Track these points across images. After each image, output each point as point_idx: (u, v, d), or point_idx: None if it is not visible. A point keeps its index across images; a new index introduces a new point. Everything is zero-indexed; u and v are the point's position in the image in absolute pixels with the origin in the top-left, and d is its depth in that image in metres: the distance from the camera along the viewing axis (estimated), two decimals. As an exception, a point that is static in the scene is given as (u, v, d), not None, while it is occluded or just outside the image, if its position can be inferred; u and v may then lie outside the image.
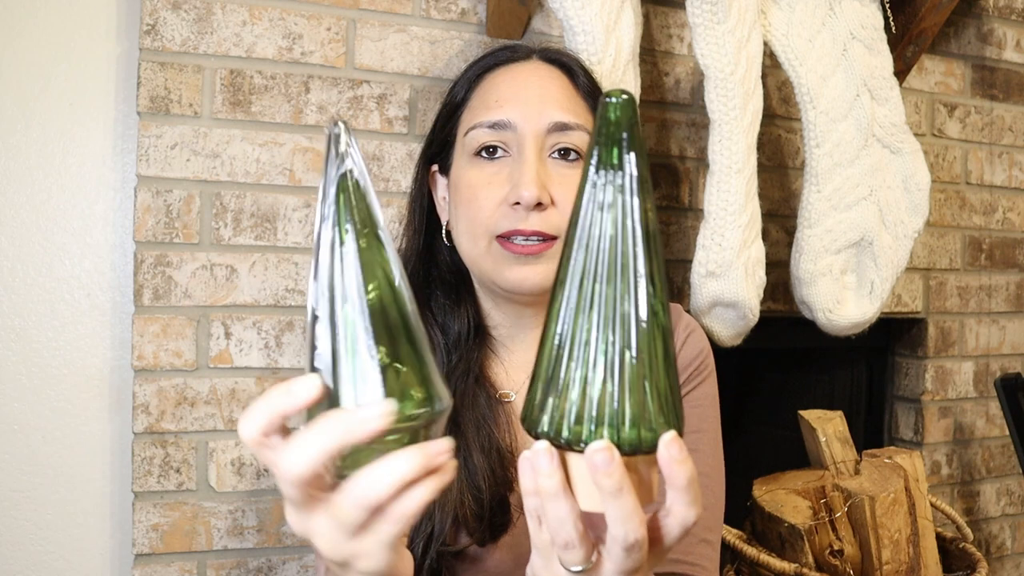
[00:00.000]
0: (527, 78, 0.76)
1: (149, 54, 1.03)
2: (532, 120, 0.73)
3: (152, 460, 1.04)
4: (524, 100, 0.74)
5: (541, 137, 0.73)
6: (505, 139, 0.74)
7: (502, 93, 0.76)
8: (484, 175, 0.74)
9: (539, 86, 0.75)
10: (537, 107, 0.74)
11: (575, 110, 0.75)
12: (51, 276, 1.09)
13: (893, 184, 1.16)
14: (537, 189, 0.70)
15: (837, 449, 1.18)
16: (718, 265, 1.05)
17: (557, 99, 0.75)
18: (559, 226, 0.72)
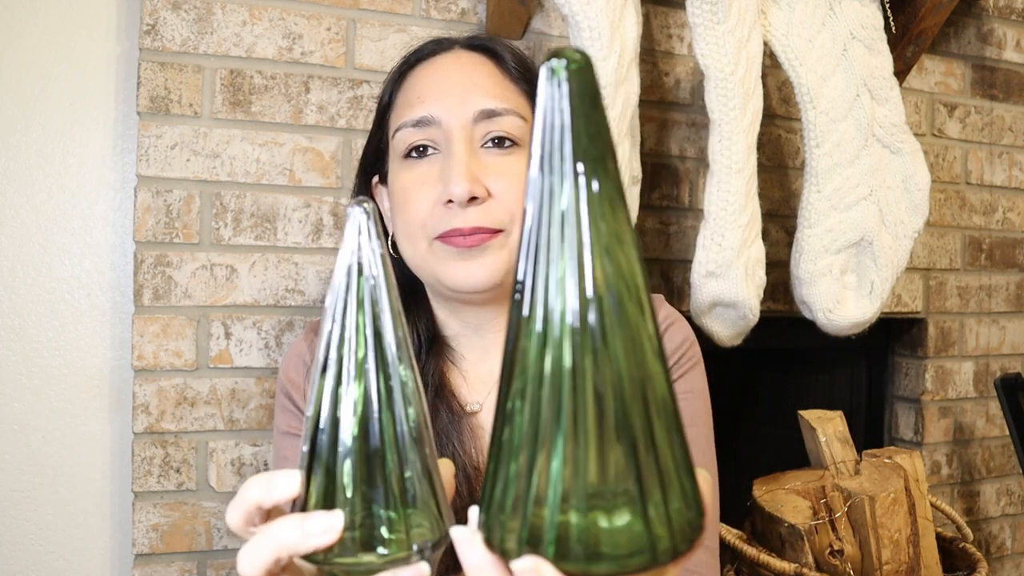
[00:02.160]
0: (448, 68, 0.72)
1: (149, 54, 1.03)
2: (456, 111, 0.69)
3: (152, 460, 1.04)
4: (446, 92, 0.70)
5: (468, 128, 0.69)
6: (432, 136, 0.70)
7: (423, 88, 0.72)
8: (416, 176, 0.71)
9: (461, 75, 0.71)
10: (460, 97, 0.69)
11: (503, 95, 0.71)
12: (51, 276, 1.09)
13: (893, 184, 1.16)
14: (468, 183, 0.66)
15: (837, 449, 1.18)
16: (718, 265, 1.05)
17: (481, 86, 0.70)
18: (500, 218, 0.68)
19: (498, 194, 0.68)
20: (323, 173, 1.10)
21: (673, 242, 1.29)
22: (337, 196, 1.11)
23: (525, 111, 0.72)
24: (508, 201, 0.69)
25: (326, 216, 1.11)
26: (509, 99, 0.71)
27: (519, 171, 0.69)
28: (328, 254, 1.11)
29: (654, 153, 1.27)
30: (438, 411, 0.73)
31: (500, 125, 0.70)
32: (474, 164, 0.68)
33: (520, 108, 0.71)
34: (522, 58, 0.75)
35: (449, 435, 0.72)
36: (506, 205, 0.68)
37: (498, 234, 0.69)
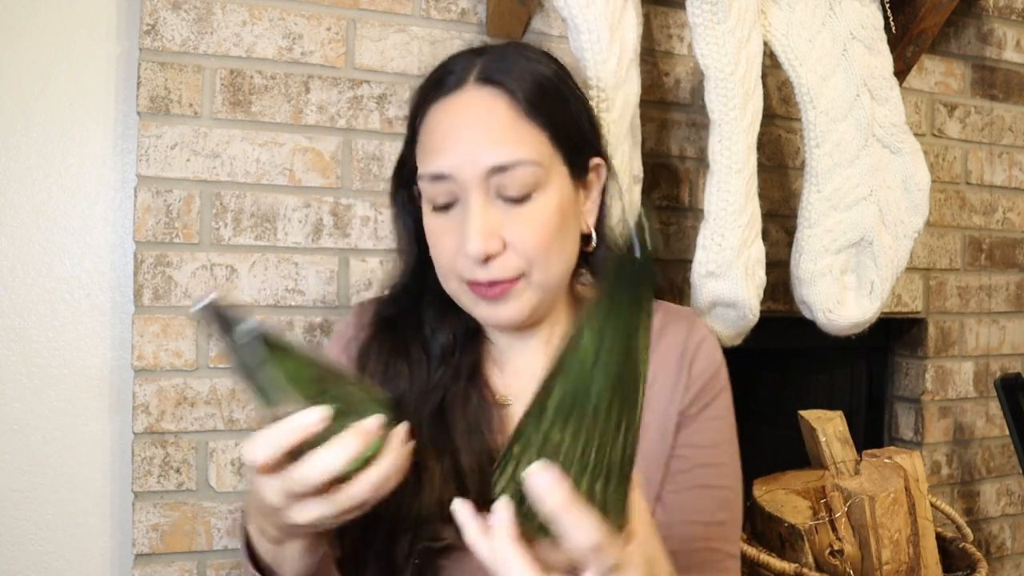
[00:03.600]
0: (459, 116, 0.71)
1: (149, 54, 1.03)
2: (468, 168, 0.69)
3: (152, 460, 1.04)
4: (457, 145, 0.70)
5: (482, 183, 0.69)
6: (449, 189, 0.71)
7: (439, 137, 0.72)
8: (440, 224, 0.73)
9: (472, 125, 0.70)
10: (471, 151, 0.69)
11: (515, 141, 0.69)
12: (51, 276, 1.09)
13: (893, 184, 1.16)
14: (481, 243, 0.68)
15: (837, 449, 1.18)
16: (718, 265, 1.05)
17: (493, 137, 0.69)
18: (518, 266, 0.71)
19: (514, 243, 0.70)
20: (323, 173, 1.10)
21: (673, 242, 1.29)
22: (337, 196, 1.11)
23: (539, 153, 0.70)
24: (525, 248, 0.70)
25: (326, 216, 1.11)
26: (521, 145, 0.69)
27: (537, 216, 0.70)
28: (328, 254, 1.11)
29: (654, 153, 1.27)
30: (469, 397, 0.77)
31: (512, 179, 0.69)
32: (489, 219, 0.69)
33: (534, 152, 0.70)
34: (539, 85, 0.72)
35: (478, 420, 0.75)
36: (523, 252, 0.70)
37: (516, 282, 0.71)
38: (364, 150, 1.12)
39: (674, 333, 0.79)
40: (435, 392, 0.77)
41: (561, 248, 0.73)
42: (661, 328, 0.79)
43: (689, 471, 0.76)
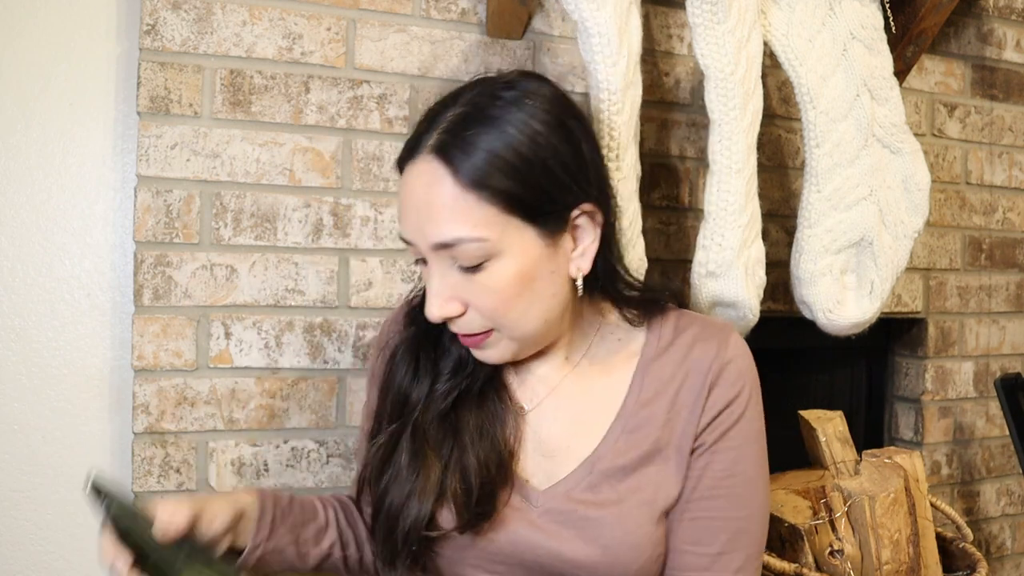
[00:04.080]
0: (410, 188, 0.71)
1: (149, 54, 1.03)
2: (420, 239, 0.71)
3: (152, 460, 1.04)
4: (408, 217, 0.72)
5: (434, 254, 0.71)
6: (415, 252, 0.73)
7: (400, 204, 0.74)
8: (424, 274, 0.76)
9: (417, 200, 0.70)
10: (419, 225, 0.70)
11: (457, 219, 0.68)
12: (51, 276, 1.09)
13: (893, 184, 1.16)
14: (437, 311, 0.72)
15: (837, 449, 1.18)
16: (718, 265, 1.05)
17: (432, 216, 0.69)
18: (482, 323, 0.73)
19: (474, 306, 0.72)
20: (323, 173, 1.10)
21: (673, 242, 1.29)
22: (337, 196, 1.11)
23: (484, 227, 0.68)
24: (484, 312, 0.72)
25: (326, 216, 1.11)
26: (464, 223, 0.68)
27: (490, 283, 0.71)
28: (328, 254, 1.11)
29: (654, 153, 1.27)
30: (486, 402, 0.79)
31: (456, 254, 0.69)
32: (446, 285, 0.72)
33: (476, 227, 0.68)
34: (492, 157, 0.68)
35: (493, 423, 0.78)
36: (485, 312, 0.72)
37: (489, 334, 0.74)
38: (364, 150, 1.12)
39: (702, 351, 0.77)
40: (448, 395, 0.79)
41: (527, 307, 0.72)
42: (691, 343, 0.78)
43: (696, 500, 0.75)
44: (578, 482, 0.75)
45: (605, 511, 0.73)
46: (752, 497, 0.76)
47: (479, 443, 0.76)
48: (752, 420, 0.77)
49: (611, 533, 0.72)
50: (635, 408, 0.77)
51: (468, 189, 0.68)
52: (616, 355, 0.80)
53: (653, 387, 0.77)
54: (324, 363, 1.11)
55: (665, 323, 0.80)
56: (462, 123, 0.70)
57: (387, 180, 1.13)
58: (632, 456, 0.75)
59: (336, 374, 1.11)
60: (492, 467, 0.75)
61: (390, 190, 1.13)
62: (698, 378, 0.76)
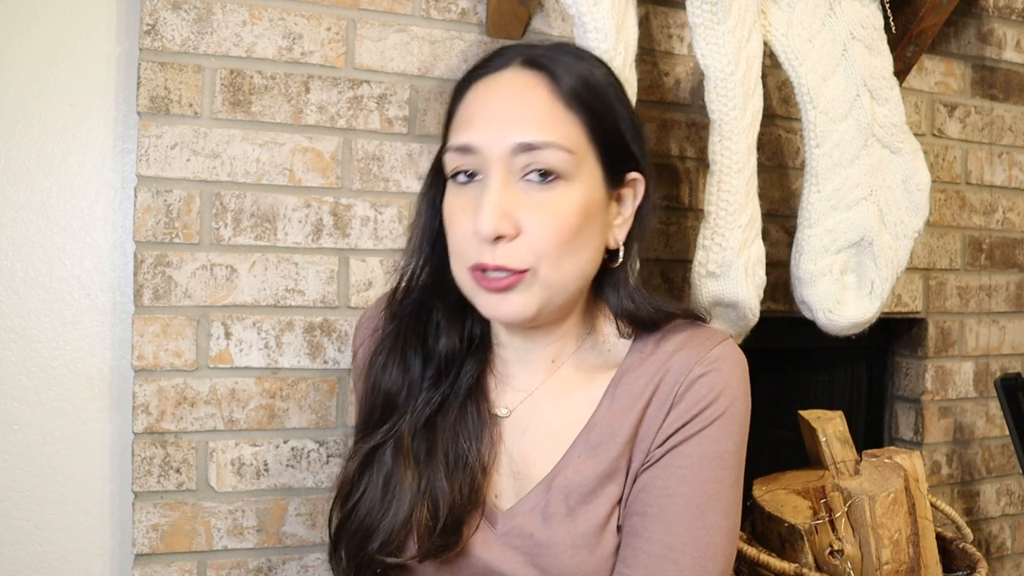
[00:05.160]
0: (497, 92, 0.70)
1: (149, 54, 1.03)
2: (495, 142, 0.67)
3: (152, 460, 1.04)
4: (489, 120, 0.68)
5: (506, 160, 0.67)
6: (473, 163, 0.69)
7: (471, 111, 0.70)
8: (459, 201, 0.70)
9: (508, 102, 0.69)
10: (501, 127, 0.67)
11: (548, 125, 0.68)
12: (51, 276, 1.09)
13: (893, 184, 1.16)
14: (494, 222, 0.66)
15: (837, 449, 1.18)
16: (718, 265, 1.05)
17: (526, 115, 0.68)
18: (526, 258, 0.67)
19: (528, 230, 0.67)
20: (323, 173, 1.10)
21: (673, 242, 1.29)
22: (337, 196, 1.11)
23: (572, 141, 0.68)
24: (537, 239, 0.68)
25: (326, 216, 1.11)
26: (555, 129, 0.68)
27: (556, 206, 0.68)
28: (328, 254, 1.11)
29: (654, 153, 1.27)
30: (466, 411, 0.75)
31: (539, 159, 0.67)
32: (508, 198, 0.67)
33: (566, 139, 0.68)
34: (584, 79, 0.71)
35: (470, 436, 0.74)
36: (534, 244, 0.68)
37: (523, 275, 0.68)
38: (364, 150, 1.12)
39: (680, 360, 0.71)
40: (431, 401, 0.75)
41: (576, 249, 0.69)
42: (672, 352, 0.72)
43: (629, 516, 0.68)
44: (536, 503, 0.70)
45: (558, 536, 0.68)
46: (693, 526, 0.66)
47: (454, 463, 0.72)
48: (715, 440, 0.69)
49: (560, 561, 0.67)
50: (602, 423, 0.72)
51: (565, 99, 0.69)
52: (599, 365, 0.76)
53: (623, 400, 0.72)
54: (324, 363, 1.11)
55: (654, 333, 0.75)
56: (553, 50, 0.72)
57: (387, 180, 1.13)
58: (591, 475, 0.69)
59: (336, 374, 1.11)
60: (464, 492, 0.71)
61: (390, 190, 1.13)
62: (667, 388, 0.70)
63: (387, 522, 0.71)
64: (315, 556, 1.10)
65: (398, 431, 0.75)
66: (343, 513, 0.75)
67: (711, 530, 0.67)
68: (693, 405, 0.69)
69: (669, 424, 0.69)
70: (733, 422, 0.70)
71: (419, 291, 0.79)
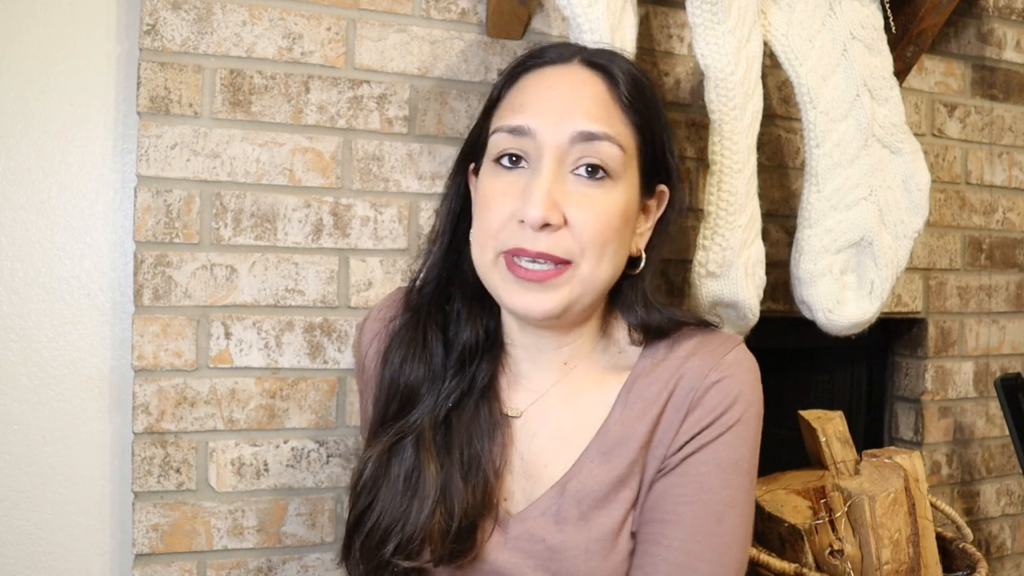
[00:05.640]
0: (558, 82, 0.70)
1: (149, 54, 1.03)
2: (553, 128, 0.67)
3: (152, 460, 1.04)
4: (548, 106, 0.68)
5: (563, 148, 0.67)
6: (525, 147, 0.68)
7: (528, 96, 0.70)
8: (501, 184, 0.69)
9: (569, 91, 0.69)
10: (561, 114, 0.67)
11: (606, 120, 0.68)
12: (51, 276, 1.09)
13: (893, 184, 1.16)
14: (544, 210, 0.65)
15: (837, 449, 1.18)
16: (718, 265, 1.05)
17: (586, 108, 0.68)
18: (570, 248, 0.67)
19: (575, 224, 0.67)
20: (323, 173, 1.10)
21: (673, 242, 1.29)
22: (337, 196, 1.11)
23: (625, 141, 0.69)
24: (583, 233, 0.67)
25: (326, 216, 1.11)
26: (612, 125, 0.69)
27: (604, 203, 0.68)
28: (328, 254, 1.11)
29: (654, 153, 1.27)
30: (479, 411, 0.74)
31: (595, 151, 0.67)
32: (557, 189, 0.67)
33: (621, 136, 0.69)
34: (639, 86, 0.72)
35: (483, 436, 0.73)
36: (580, 237, 0.67)
37: (564, 268, 0.68)
38: (364, 150, 1.12)
39: (694, 365, 0.71)
40: (447, 400, 0.75)
41: (614, 249, 0.69)
42: (685, 357, 0.71)
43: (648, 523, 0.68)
44: (548, 507, 0.70)
45: (571, 541, 0.67)
46: (711, 532, 0.67)
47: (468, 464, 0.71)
48: (731, 446, 0.68)
49: (573, 566, 0.67)
50: (615, 428, 0.71)
51: (622, 104, 0.70)
52: (609, 370, 0.76)
53: (637, 405, 0.71)
54: (324, 363, 1.11)
55: (665, 339, 0.75)
56: (610, 54, 0.75)
57: (387, 180, 1.13)
58: (605, 480, 0.69)
59: (336, 374, 1.11)
60: (478, 495, 0.70)
61: (390, 190, 1.13)
62: (682, 395, 0.69)
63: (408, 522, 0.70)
64: (315, 556, 1.10)
65: (420, 424, 0.73)
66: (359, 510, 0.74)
67: (727, 536, 0.67)
68: (709, 411, 0.69)
69: (685, 430, 0.69)
70: (748, 428, 0.70)
71: (439, 280, 0.78)
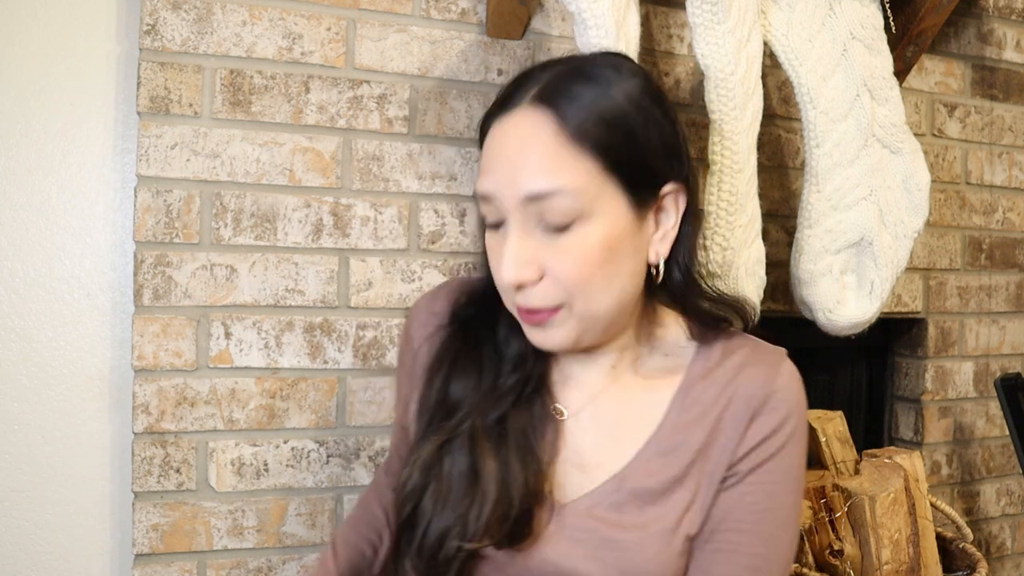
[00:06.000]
0: (508, 137, 0.69)
1: (149, 54, 1.03)
2: (507, 192, 0.67)
3: (152, 460, 1.04)
4: (500, 168, 0.68)
5: (521, 208, 0.67)
6: (495, 210, 0.69)
7: (487, 158, 0.70)
8: (492, 243, 0.72)
9: (515, 147, 0.68)
10: (510, 176, 0.67)
11: (555, 169, 0.66)
12: (51, 276, 1.09)
13: (893, 184, 1.16)
14: (513, 273, 0.67)
15: (837, 449, 1.18)
16: (718, 265, 1.05)
17: (531, 164, 0.66)
18: (556, 296, 0.69)
19: (552, 273, 0.68)
20: (323, 173, 1.10)
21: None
22: (337, 196, 1.11)
23: (583, 181, 0.67)
24: (563, 280, 0.68)
25: (326, 216, 1.11)
26: (562, 173, 0.66)
27: (577, 247, 0.67)
28: (328, 254, 1.11)
29: (654, 153, 1.27)
30: (532, 404, 0.76)
31: (548, 208, 0.66)
32: (528, 245, 0.68)
33: (576, 181, 0.66)
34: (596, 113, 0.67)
35: (535, 430, 0.75)
36: (561, 284, 0.68)
37: (557, 311, 0.70)
38: (364, 150, 1.12)
39: (750, 376, 0.73)
40: (505, 398, 0.76)
41: (607, 281, 0.69)
42: (740, 366, 0.74)
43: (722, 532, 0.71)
44: (603, 499, 0.72)
45: (628, 534, 0.70)
46: (779, 537, 0.72)
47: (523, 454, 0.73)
48: (792, 456, 0.73)
49: (630, 558, 0.69)
50: (672, 429, 0.73)
51: (572, 139, 0.67)
52: (662, 370, 0.77)
53: (694, 409, 0.73)
54: (324, 363, 1.11)
55: (716, 342, 0.76)
56: (566, 78, 0.69)
57: (387, 180, 1.13)
58: (662, 479, 0.71)
59: (336, 374, 1.11)
60: (531, 483, 0.72)
61: (390, 190, 1.13)
62: (741, 404, 0.72)
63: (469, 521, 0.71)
64: (315, 556, 1.10)
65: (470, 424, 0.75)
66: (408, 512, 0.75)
67: (790, 539, 0.73)
68: (770, 420, 0.72)
69: (748, 441, 0.72)
70: (803, 438, 0.75)
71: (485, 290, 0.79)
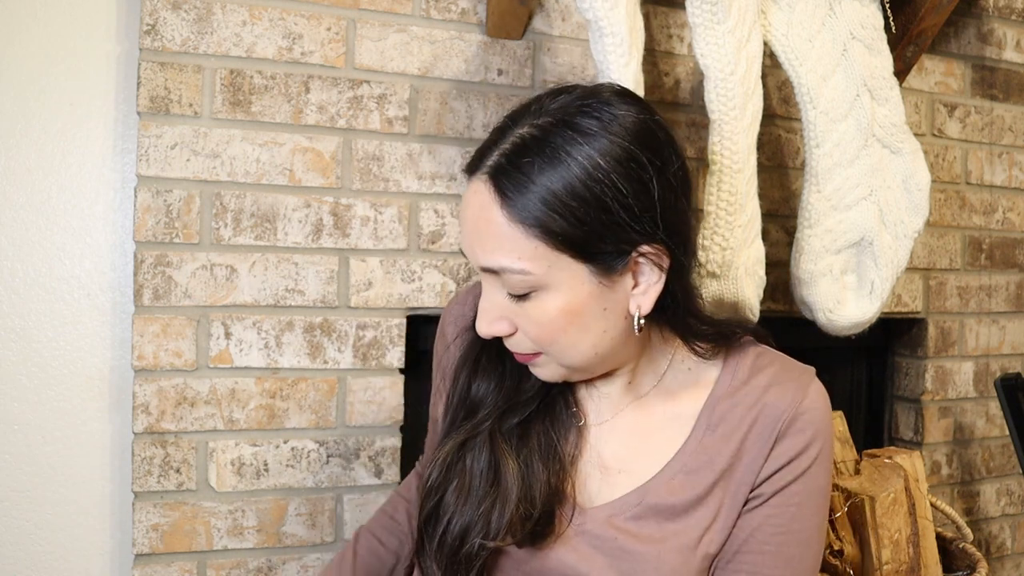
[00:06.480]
0: (467, 206, 0.70)
1: (149, 54, 1.03)
2: (472, 258, 0.71)
3: (152, 460, 1.04)
4: (465, 233, 0.71)
5: (485, 274, 0.71)
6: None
7: (460, 218, 0.74)
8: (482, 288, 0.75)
9: (472, 219, 0.69)
10: (470, 246, 0.70)
11: (504, 249, 0.67)
12: (51, 276, 1.09)
13: (893, 184, 1.16)
14: (486, 327, 0.71)
15: (837, 449, 1.18)
16: (718, 265, 1.05)
17: (483, 240, 0.68)
18: (531, 346, 0.71)
19: (522, 330, 0.71)
20: (323, 173, 1.10)
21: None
22: (337, 196, 1.11)
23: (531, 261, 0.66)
24: (532, 338, 0.70)
25: (326, 216, 1.11)
26: (510, 253, 0.66)
27: (538, 315, 0.69)
28: (328, 254, 1.11)
29: (654, 153, 1.27)
30: (555, 405, 0.78)
31: (504, 281, 0.68)
32: (497, 304, 0.71)
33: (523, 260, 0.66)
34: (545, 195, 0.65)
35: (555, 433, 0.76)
36: (531, 338, 0.71)
37: (539, 355, 0.72)
38: (364, 150, 1.12)
39: (778, 395, 0.74)
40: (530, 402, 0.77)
41: (577, 339, 0.70)
42: (767, 385, 0.75)
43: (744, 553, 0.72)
44: (625, 510, 0.72)
45: (645, 548, 0.70)
46: (802, 559, 0.72)
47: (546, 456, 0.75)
48: (817, 477, 0.73)
49: (647, 571, 0.69)
50: (697, 448, 0.74)
51: (517, 221, 0.66)
52: (686, 386, 0.77)
53: (720, 428, 0.74)
54: (324, 363, 1.11)
55: (743, 359, 0.77)
56: (523, 150, 0.67)
57: (387, 180, 1.13)
58: (685, 497, 0.72)
59: (336, 374, 1.12)
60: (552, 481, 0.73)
61: (390, 190, 1.13)
62: (768, 424, 0.72)
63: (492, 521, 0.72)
64: (315, 556, 1.10)
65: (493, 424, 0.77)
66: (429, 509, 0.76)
67: (813, 560, 0.74)
68: (797, 442, 0.72)
69: (773, 462, 0.72)
70: (828, 458, 0.74)
71: None
